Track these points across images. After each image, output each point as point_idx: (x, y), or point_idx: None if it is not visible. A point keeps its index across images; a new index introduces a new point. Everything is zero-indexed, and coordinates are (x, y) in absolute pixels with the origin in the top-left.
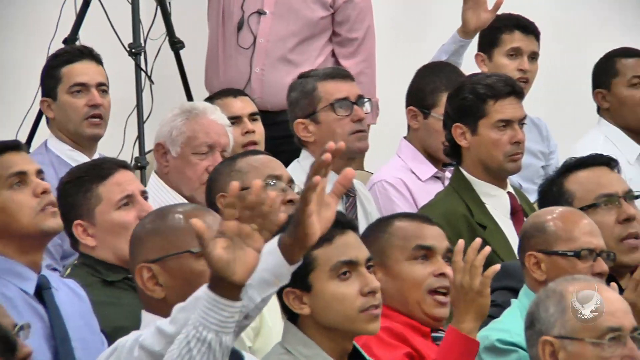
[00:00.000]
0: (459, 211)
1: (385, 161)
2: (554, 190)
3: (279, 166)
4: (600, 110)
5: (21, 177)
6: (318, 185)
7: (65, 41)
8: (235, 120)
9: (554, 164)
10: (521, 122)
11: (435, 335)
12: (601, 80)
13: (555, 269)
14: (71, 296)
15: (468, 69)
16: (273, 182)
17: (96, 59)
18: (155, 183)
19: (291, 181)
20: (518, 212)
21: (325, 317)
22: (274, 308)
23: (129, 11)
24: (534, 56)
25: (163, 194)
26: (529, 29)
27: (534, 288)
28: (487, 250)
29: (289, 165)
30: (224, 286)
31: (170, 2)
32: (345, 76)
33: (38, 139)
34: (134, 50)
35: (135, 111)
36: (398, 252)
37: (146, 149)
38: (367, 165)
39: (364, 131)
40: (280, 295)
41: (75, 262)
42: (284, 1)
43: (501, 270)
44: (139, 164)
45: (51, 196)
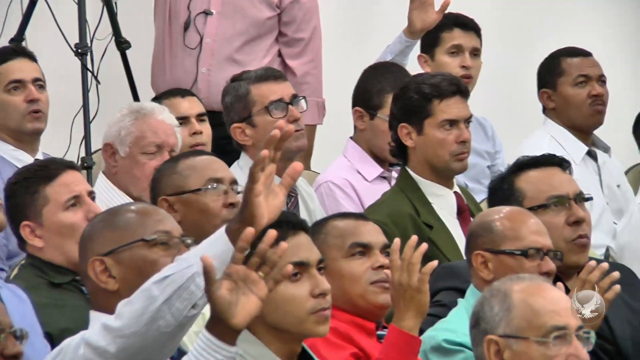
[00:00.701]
0: (405, 211)
1: (332, 161)
2: (504, 188)
3: (221, 168)
4: (545, 110)
5: None
6: (266, 161)
7: (11, 41)
8: (182, 120)
9: (499, 164)
10: (467, 121)
11: (381, 334)
12: (546, 80)
13: (502, 268)
14: (12, 297)
15: (414, 70)
16: (214, 185)
17: (30, 56)
18: (103, 184)
19: (234, 182)
20: (464, 211)
21: (275, 318)
22: None
23: (75, 11)
24: (476, 52)
25: (111, 195)
26: (469, 25)
27: (480, 287)
28: (424, 247)
29: None
30: (221, 328)
31: (116, 2)
32: (278, 77)
33: None
34: (80, 50)
35: (82, 111)
36: (335, 250)
37: (92, 149)
38: (314, 165)
39: (300, 130)
40: None
41: (23, 261)
42: (230, 1)
43: (447, 270)
44: (85, 164)
45: None
